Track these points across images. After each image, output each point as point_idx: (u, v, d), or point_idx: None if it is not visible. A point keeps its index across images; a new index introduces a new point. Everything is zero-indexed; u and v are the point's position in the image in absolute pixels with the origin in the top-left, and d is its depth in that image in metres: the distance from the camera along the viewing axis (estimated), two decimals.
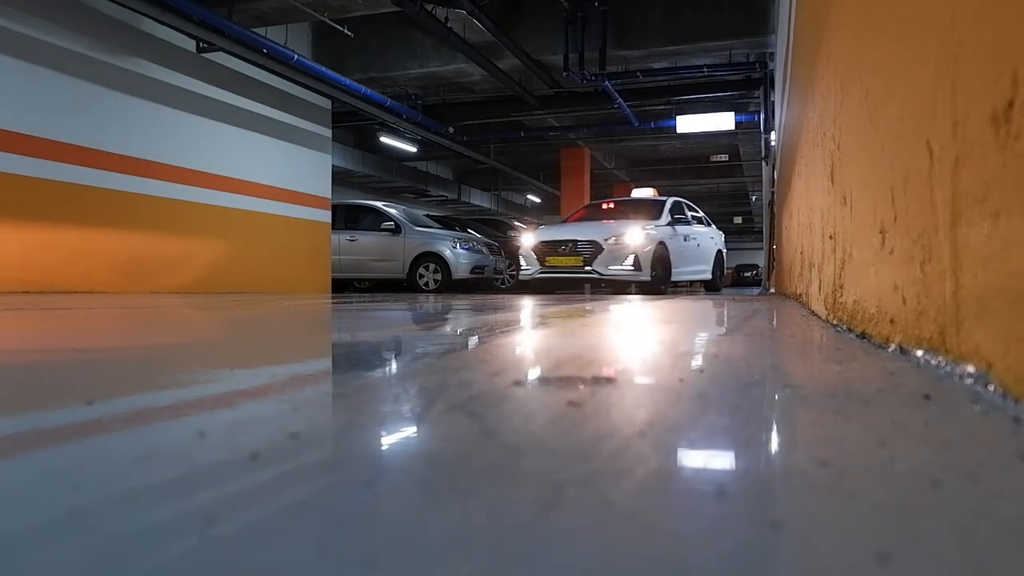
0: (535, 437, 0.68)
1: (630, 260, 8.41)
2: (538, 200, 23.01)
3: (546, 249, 8.95)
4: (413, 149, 15.02)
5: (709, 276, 10.66)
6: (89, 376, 1.17)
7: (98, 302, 4.15)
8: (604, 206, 10.10)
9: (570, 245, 8.75)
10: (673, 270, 9.00)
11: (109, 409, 0.85)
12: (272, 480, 0.54)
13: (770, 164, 11.26)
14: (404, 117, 11.37)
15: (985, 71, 0.82)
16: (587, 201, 16.64)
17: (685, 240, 9.62)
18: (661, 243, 8.78)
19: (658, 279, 8.66)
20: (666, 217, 9.35)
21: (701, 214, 11.16)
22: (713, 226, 11.40)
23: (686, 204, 10.56)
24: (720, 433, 0.71)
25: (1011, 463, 0.56)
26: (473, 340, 1.90)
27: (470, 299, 5.64)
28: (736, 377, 1.11)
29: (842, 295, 1.93)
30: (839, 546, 0.40)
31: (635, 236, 8.52)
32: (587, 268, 8.53)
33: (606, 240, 8.57)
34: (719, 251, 11.14)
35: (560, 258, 8.77)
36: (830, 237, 2.26)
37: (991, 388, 0.78)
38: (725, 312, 3.56)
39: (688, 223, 10.04)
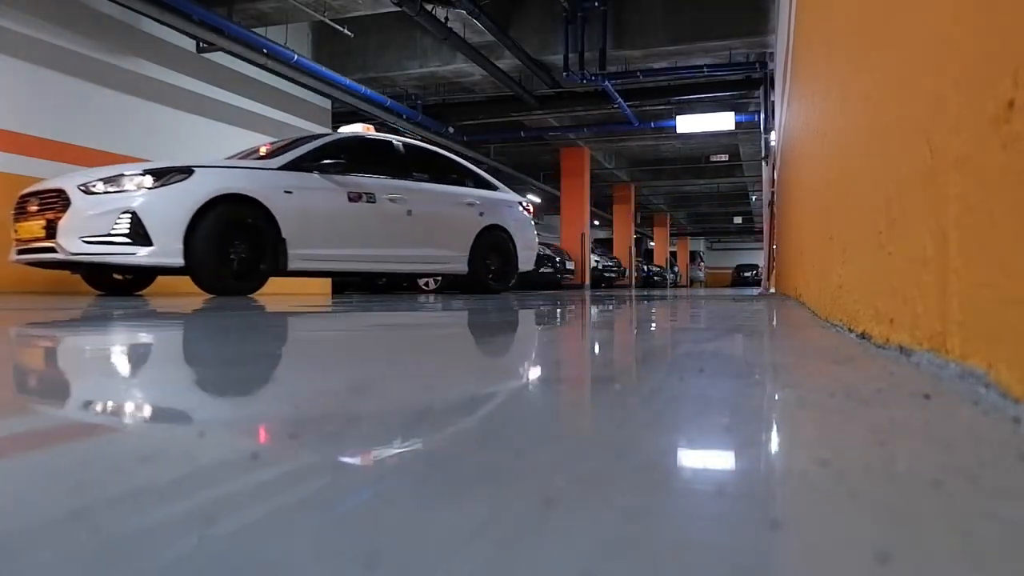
0: None
1: (124, 223, 4.52)
2: (538, 200, 23.01)
3: (16, 211, 4.96)
4: None
5: (463, 267, 6.84)
6: None
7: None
8: (263, 149, 6.05)
9: (36, 200, 4.80)
10: (293, 251, 5.30)
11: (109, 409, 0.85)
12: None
13: (770, 164, 11.13)
14: (404, 117, 11.38)
15: (985, 71, 0.82)
16: (587, 201, 16.62)
17: (357, 201, 5.81)
18: (235, 197, 4.90)
19: (221, 270, 4.85)
20: (289, 157, 5.51)
21: (474, 171, 7.42)
22: (501, 192, 7.51)
23: (404, 144, 6.74)
24: (720, 432, 0.71)
25: (1011, 463, 0.56)
26: None
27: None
28: (736, 376, 1.11)
29: (842, 295, 1.93)
30: (839, 546, 0.40)
31: (139, 180, 4.62)
32: (51, 242, 4.61)
33: (83, 187, 4.60)
34: (492, 229, 7.08)
35: (26, 224, 4.82)
36: (830, 238, 2.26)
37: (991, 388, 0.78)
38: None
39: (390, 175, 6.26)
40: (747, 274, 34.42)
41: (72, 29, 7.00)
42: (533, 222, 7.84)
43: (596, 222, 23.30)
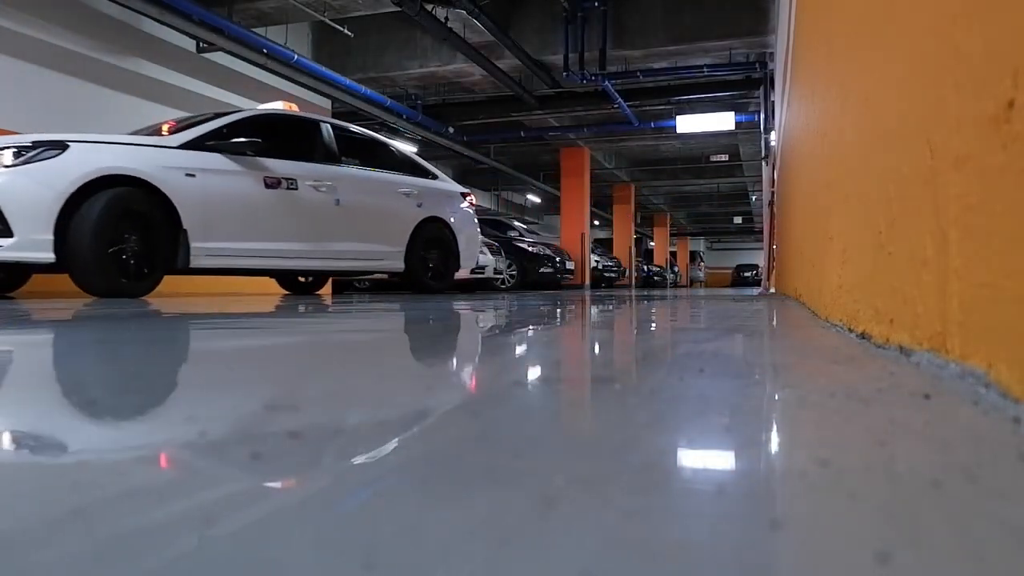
0: None
1: None
2: (538, 200, 23.03)
3: None
4: (413, 149, 15.03)
5: (399, 264, 6.18)
6: None
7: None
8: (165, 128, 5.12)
9: None
10: (196, 245, 4.54)
11: (111, 408, 0.85)
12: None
13: (770, 164, 11.10)
14: (404, 117, 11.39)
15: (985, 71, 0.82)
16: (587, 201, 16.61)
17: (276, 188, 5.07)
18: (124, 179, 4.17)
19: (106, 267, 4.07)
20: (192, 134, 4.75)
21: (412, 158, 6.67)
22: (441, 181, 6.76)
23: (332, 126, 5.92)
24: (720, 432, 0.71)
25: (1011, 463, 0.56)
26: None
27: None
28: (736, 376, 1.11)
29: (842, 295, 1.93)
30: (839, 546, 0.40)
31: None
32: None
33: None
34: (431, 222, 6.39)
35: None
36: (830, 238, 2.26)
37: (991, 388, 0.78)
38: None
39: (316, 160, 5.52)
40: (747, 274, 34.44)
41: (72, 29, 7.00)
42: (476, 217, 7.17)
43: (596, 222, 23.31)
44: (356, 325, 2.48)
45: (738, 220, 29.59)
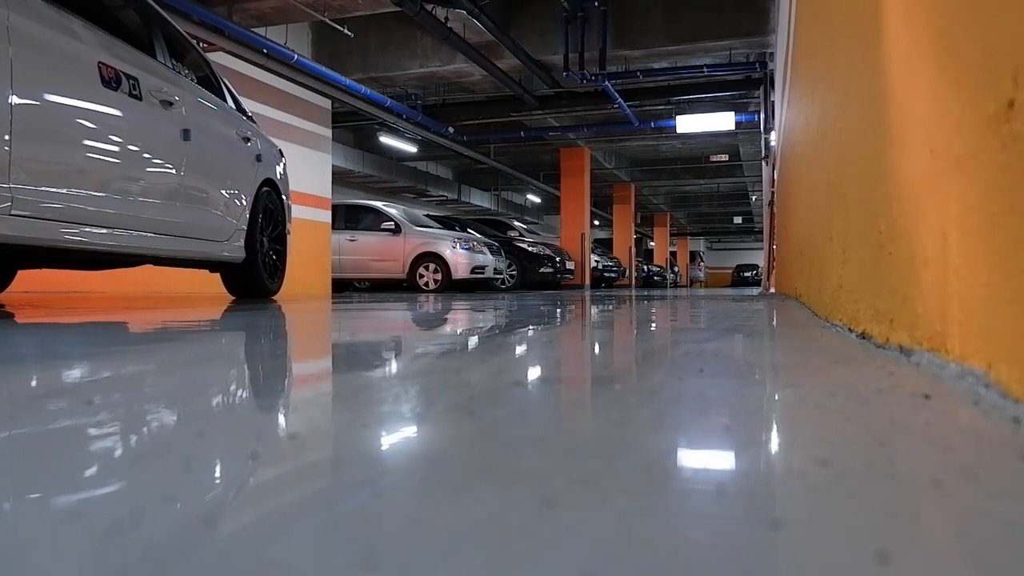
0: None
1: None
2: (538, 200, 23.02)
3: None
4: (413, 149, 15.03)
5: (238, 251, 3.96)
6: None
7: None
8: None
9: None
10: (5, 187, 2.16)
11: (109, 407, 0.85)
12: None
13: (770, 164, 11.07)
14: (404, 117, 11.40)
15: (985, 71, 0.82)
16: (587, 201, 16.59)
17: (115, 89, 2.69)
18: None
19: None
20: None
21: (224, 80, 4.43)
22: (258, 126, 4.60)
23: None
24: (720, 433, 0.71)
25: (1011, 463, 0.56)
26: None
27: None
28: (736, 376, 1.12)
29: (842, 295, 1.93)
30: (839, 546, 0.40)
31: None
32: None
33: None
34: (266, 189, 4.23)
35: None
36: (830, 238, 2.26)
37: (991, 388, 0.78)
38: None
39: (143, 50, 3.08)
40: (747, 274, 34.47)
41: None
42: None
43: (596, 222, 23.30)
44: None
45: (738, 220, 29.58)
